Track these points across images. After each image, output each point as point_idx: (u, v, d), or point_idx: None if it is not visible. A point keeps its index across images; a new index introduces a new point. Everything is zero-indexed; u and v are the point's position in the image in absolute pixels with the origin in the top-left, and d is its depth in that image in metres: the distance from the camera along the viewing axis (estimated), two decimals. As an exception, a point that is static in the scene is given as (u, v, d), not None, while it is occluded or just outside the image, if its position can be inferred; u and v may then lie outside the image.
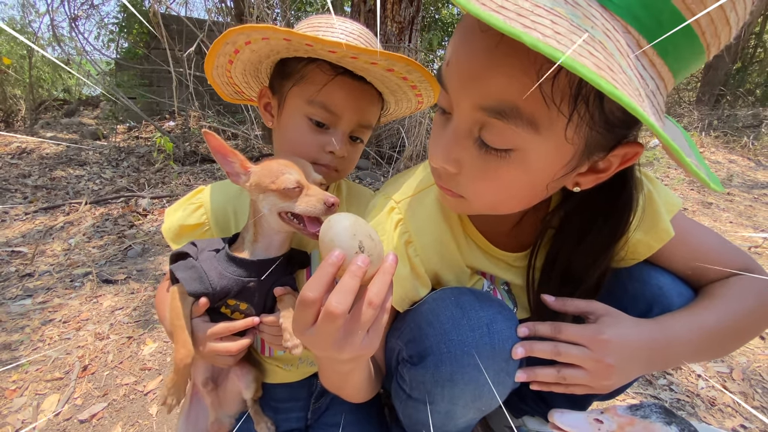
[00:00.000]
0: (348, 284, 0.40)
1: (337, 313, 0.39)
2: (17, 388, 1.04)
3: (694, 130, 5.81)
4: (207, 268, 0.62)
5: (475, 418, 0.57)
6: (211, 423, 0.76)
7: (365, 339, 0.43)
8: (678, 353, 0.54)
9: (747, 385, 1.25)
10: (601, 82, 0.30)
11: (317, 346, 0.44)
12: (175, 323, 0.62)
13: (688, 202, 3.32)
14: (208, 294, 0.63)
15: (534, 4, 0.32)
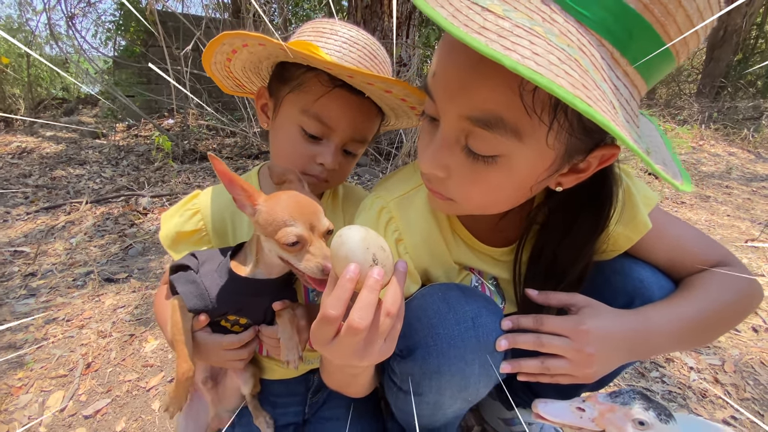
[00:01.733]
0: (368, 299, 0.42)
1: (360, 328, 0.41)
2: (23, 385, 1.07)
3: (693, 122, 5.79)
4: (208, 284, 0.62)
5: (462, 409, 0.59)
6: (211, 418, 0.78)
7: (383, 347, 0.45)
8: (657, 343, 0.56)
9: (738, 377, 1.27)
10: (576, 102, 0.31)
11: (338, 356, 0.46)
12: (176, 337, 0.63)
13: (685, 196, 3.33)
14: (208, 311, 0.63)
15: (513, 24, 0.33)
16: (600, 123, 0.32)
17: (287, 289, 0.69)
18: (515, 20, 0.34)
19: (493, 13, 0.34)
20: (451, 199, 0.54)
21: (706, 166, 4.29)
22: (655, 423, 0.49)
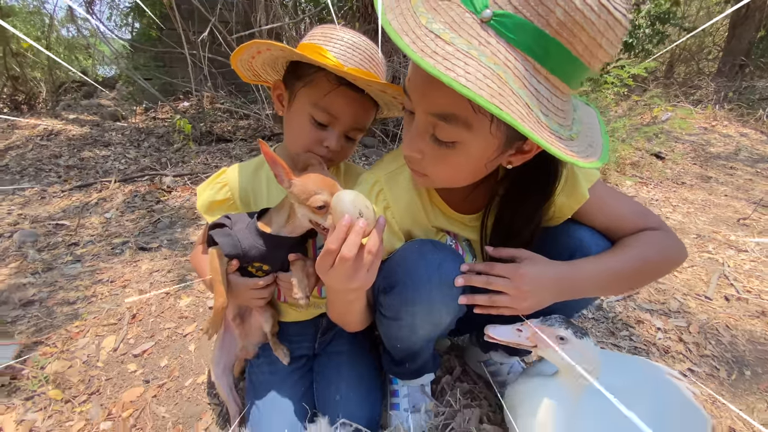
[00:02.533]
0: (354, 239, 0.59)
1: (348, 257, 0.58)
2: (80, 331, 1.28)
3: (708, 103, 5.72)
4: (240, 237, 0.80)
5: (431, 332, 0.76)
6: (239, 349, 0.97)
7: (366, 275, 0.62)
8: (583, 287, 0.72)
9: (702, 337, 1.42)
10: (490, 107, 0.46)
11: (334, 280, 0.62)
12: (214, 278, 0.81)
13: (687, 175, 3.38)
14: (239, 257, 0.82)
15: (455, 49, 0.48)
16: (505, 120, 0.47)
17: (300, 247, 0.86)
18: (457, 45, 0.48)
19: (443, 40, 0.49)
20: (426, 175, 0.70)
21: (715, 147, 4.29)
22: (571, 338, 0.65)
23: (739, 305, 1.60)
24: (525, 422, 0.70)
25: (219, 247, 0.80)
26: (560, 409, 0.68)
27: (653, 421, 0.71)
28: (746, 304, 1.60)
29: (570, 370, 0.68)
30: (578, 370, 0.64)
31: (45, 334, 1.26)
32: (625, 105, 4.47)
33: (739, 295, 1.66)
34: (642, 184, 3.05)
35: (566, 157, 0.54)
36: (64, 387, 1.08)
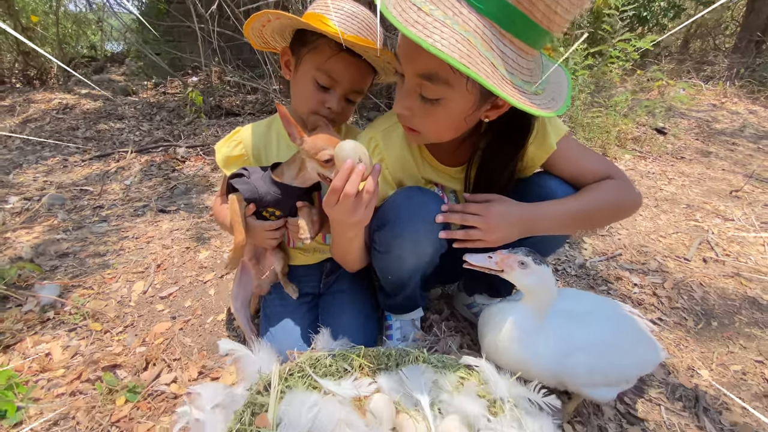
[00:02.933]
0: (355, 180, 0.71)
1: (350, 194, 0.70)
2: (112, 277, 1.44)
3: (719, 79, 5.64)
4: (257, 185, 0.93)
5: (416, 263, 0.89)
6: (255, 287, 1.12)
7: (365, 211, 0.75)
8: (546, 225, 0.84)
9: (675, 292, 1.54)
10: (459, 66, 0.57)
11: (338, 214, 0.75)
12: (234, 219, 0.95)
13: (687, 150, 3.43)
14: (256, 201, 0.94)
15: (433, 19, 0.59)
16: (472, 77, 0.58)
17: (307, 197, 0.99)
18: (435, 16, 0.59)
19: (423, 12, 0.60)
20: (416, 131, 0.81)
21: (720, 124, 4.29)
22: (530, 263, 0.77)
23: (716, 266, 1.71)
24: (491, 339, 0.83)
25: (239, 193, 0.93)
26: (522, 328, 0.81)
27: (606, 339, 0.85)
28: (723, 266, 1.72)
29: (531, 293, 0.80)
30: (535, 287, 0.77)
31: (81, 280, 1.42)
32: (630, 80, 4.46)
33: (717, 257, 1.77)
34: (640, 157, 3.11)
35: (525, 107, 0.65)
36: (102, 321, 1.24)
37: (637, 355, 0.89)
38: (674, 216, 2.19)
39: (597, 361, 0.82)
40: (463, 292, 1.27)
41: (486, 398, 0.74)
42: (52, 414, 0.95)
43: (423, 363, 0.83)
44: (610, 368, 0.83)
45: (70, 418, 0.95)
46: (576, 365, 0.81)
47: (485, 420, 0.71)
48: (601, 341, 0.84)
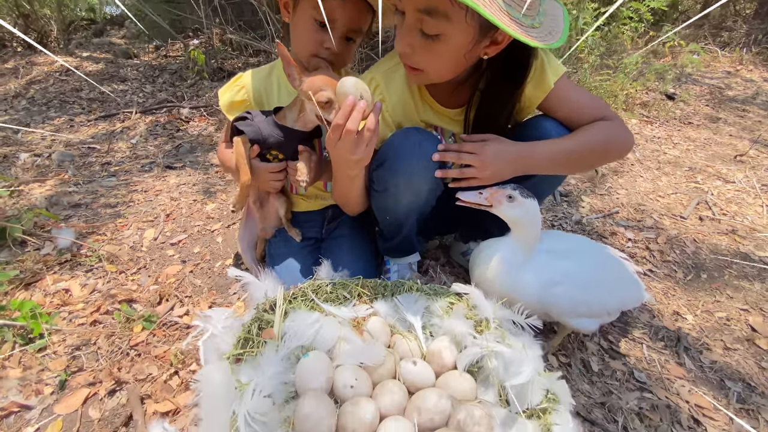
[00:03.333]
0: (356, 116, 0.73)
1: (351, 130, 0.73)
2: (124, 225, 1.50)
3: (736, 46, 5.44)
4: (260, 126, 0.96)
5: (413, 202, 0.93)
6: (260, 230, 1.17)
7: (365, 149, 0.78)
8: (538, 163, 0.87)
9: (668, 247, 1.58)
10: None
11: (340, 151, 0.78)
12: (239, 160, 0.98)
13: (696, 116, 3.37)
14: (259, 142, 0.98)
15: None
16: (470, 5, 0.60)
17: (309, 142, 1.02)
18: None
19: None
20: (419, 69, 0.83)
21: (733, 91, 4.18)
22: (518, 196, 0.81)
23: (711, 224, 1.74)
24: (480, 271, 0.88)
25: (244, 135, 0.97)
26: (510, 261, 0.86)
27: (589, 273, 0.89)
28: (718, 224, 1.74)
29: (519, 226, 0.85)
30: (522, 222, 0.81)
31: (95, 226, 1.48)
32: (642, 42, 4.32)
33: (714, 216, 1.80)
34: (647, 122, 3.08)
35: (522, 38, 0.67)
36: (117, 263, 1.31)
37: (619, 291, 0.94)
38: (675, 178, 2.20)
39: (579, 293, 0.87)
40: (460, 242, 1.32)
41: (473, 320, 0.80)
42: (75, 340, 1.03)
43: (417, 292, 0.89)
44: (593, 300, 0.88)
45: (91, 344, 1.03)
46: (559, 296, 0.86)
47: (471, 338, 0.77)
48: (584, 274, 0.89)
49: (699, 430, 0.91)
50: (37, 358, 0.99)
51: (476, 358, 0.73)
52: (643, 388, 0.99)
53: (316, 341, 0.76)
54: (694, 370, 1.06)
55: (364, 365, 0.75)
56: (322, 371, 0.70)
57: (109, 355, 0.99)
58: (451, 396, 0.69)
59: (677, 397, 0.98)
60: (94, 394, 0.92)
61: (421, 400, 0.68)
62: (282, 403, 0.66)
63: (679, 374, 1.05)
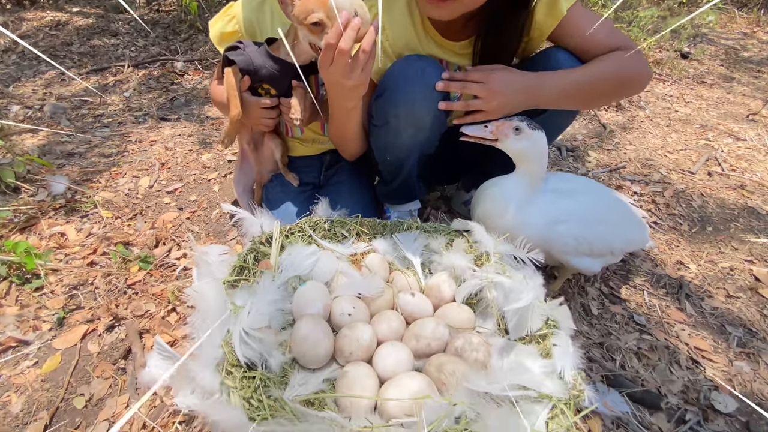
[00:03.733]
0: (350, 34, 0.67)
1: (345, 50, 0.67)
2: (118, 173, 1.47)
3: (753, 6, 5.17)
4: (252, 56, 0.90)
5: (414, 136, 0.88)
6: (255, 173, 1.14)
7: (361, 74, 0.72)
8: (548, 95, 0.81)
9: (674, 200, 1.54)
10: None
11: (334, 75, 0.71)
12: (230, 91, 0.93)
13: (710, 75, 3.25)
14: (251, 73, 0.92)
15: None
16: None
17: (305, 80, 0.97)
18: None
19: None
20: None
21: (749, 52, 4.01)
22: (525, 128, 0.77)
23: (719, 179, 1.70)
24: (483, 208, 0.86)
25: (235, 66, 0.91)
26: (514, 197, 0.83)
27: (593, 212, 0.86)
28: (727, 179, 1.70)
29: (524, 160, 0.81)
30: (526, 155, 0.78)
31: (89, 174, 1.45)
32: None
33: (723, 172, 1.75)
34: (659, 80, 2.96)
35: None
36: (112, 209, 1.29)
37: (624, 231, 0.92)
38: (685, 135, 2.13)
39: (583, 230, 0.84)
40: (462, 190, 1.29)
41: (473, 254, 0.78)
42: (72, 280, 1.03)
43: (416, 230, 0.86)
44: (597, 239, 0.86)
45: (88, 284, 1.02)
46: (563, 233, 0.84)
47: (471, 271, 0.75)
48: (589, 213, 0.86)
49: (697, 370, 0.91)
50: (34, 297, 0.98)
51: (475, 289, 0.72)
52: (643, 331, 0.99)
53: (314, 273, 0.75)
54: (695, 316, 1.06)
55: (363, 296, 0.73)
56: (320, 298, 0.69)
57: (106, 294, 0.99)
58: (449, 325, 0.68)
59: (676, 339, 0.98)
60: (93, 330, 0.92)
61: (419, 328, 0.67)
62: (279, 329, 0.65)
63: (680, 319, 1.04)
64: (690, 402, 0.84)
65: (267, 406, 0.46)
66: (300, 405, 0.50)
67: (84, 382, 0.82)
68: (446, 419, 0.47)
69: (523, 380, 0.53)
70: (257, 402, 0.47)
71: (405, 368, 0.60)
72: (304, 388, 0.56)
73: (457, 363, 0.59)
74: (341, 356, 0.63)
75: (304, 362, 0.61)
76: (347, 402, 0.54)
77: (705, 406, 0.83)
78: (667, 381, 0.87)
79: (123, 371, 0.83)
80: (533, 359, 0.57)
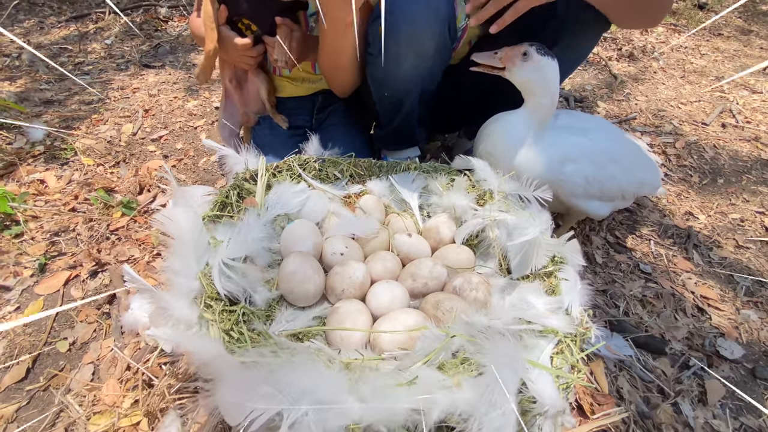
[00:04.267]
0: None
1: None
2: (99, 120, 1.39)
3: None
4: None
5: (416, 66, 0.80)
6: (241, 114, 1.06)
7: None
8: None
9: (686, 152, 1.47)
10: None
11: None
12: (206, 23, 0.84)
13: (727, 27, 3.07)
14: (229, 3, 0.82)
15: None
16: None
17: (291, 15, 0.87)
18: None
19: None
20: None
21: (767, 5, 3.79)
22: (533, 53, 0.69)
23: (734, 131, 1.62)
24: (486, 145, 0.79)
25: None
26: (519, 134, 0.76)
27: (605, 151, 0.80)
28: (741, 131, 1.62)
29: (532, 93, 0.73)
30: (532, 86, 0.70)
31: (68, 121, 1.37)
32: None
33: (737, 124, 1.67)
34: (674, 30, 2.80)
35: None
36: (94, 156, 1.22)
37: (635, 172, 0.86)
38: (699, 87, 2.02)
39: (594, 170, 0.78)
40: (464, 138, 1.21)
41: (475, 193, 0.72)
42: (53, 226, 0.98)
43: (414, 171, 0.80)
44: (608, 180, 0.80)
45: (70, 230, 0.98)
46: (573, 173, 0.78)
47: (472, 211, 0.70)
48: (601, 152, 0.80)
49: (703, 318, 0.89)
50: (14, 244, 0.94)
51: (476, 229, 0.67)
52: (648, 279, 0.95)
53: (304, 213, 0.70)
54: (702, 265, 1.02)
55: (356, 237, 0.69)
56: (310, 237, 0.64)
57: (88, 240, 0.94)
58: (447, 266, 0.64)
59: (683, 288, 0.95)
60: (76, 276, 0.88)
61: (415, 267, 0.62)
62: (265, 266, 0.60)
63: (686, 268, 1.00)
64: (695, 348, 0.81)
65: (248, 338, 0.43)
66: (287, 339, 0.46)
67: (67, 326, 0.79)
68: (443, 352, 0.43)
69: (527, 316, 0.49)
70: (238, 334, 0.43)
71: (400, 306, 0.56)
72: (291, 324, 0.52)
73: (455, 300, 0.55)
74: (332, 294, 0.59)
75: (292, 299, 0.57)
76: (337, 337, 0.50)
77: (710, 352, 0.81)
78: (672, 327, 0.84)
79: (107, 316, 0.80)
80: (537, 296, 0.53)
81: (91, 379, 0.71)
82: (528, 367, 0.39)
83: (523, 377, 0.37)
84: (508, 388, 0.34)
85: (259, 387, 0.35)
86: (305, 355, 0.39)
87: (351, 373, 0.39)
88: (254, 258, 0.59)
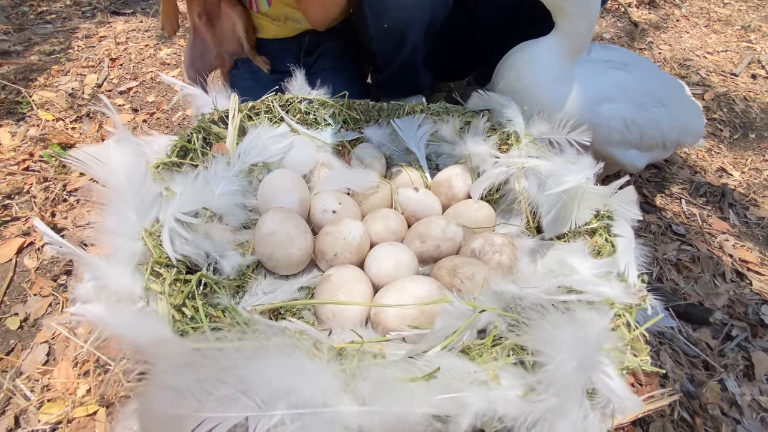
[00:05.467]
0: None
1: None
2: (59, 71, 1.23)
3: None
4: None
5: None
6: (215, 56, 0.91)
7: None
8: None
9: (715, 104, 1.34)
10: None
11: None
12: None
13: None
14: None
15: None
16: None
17: None
18: None
19: None
20: None
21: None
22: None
23: (764, 82, 1.48)
24: (508, 80, 0.66)
25: None
26: (548, 66, 0.63)
27: (648, 90, 0.66)
28: (773, 83, 1.48)
29: (565, 15, 0.59)
30: None
31: (26, 73, 1.21)
32: None
33: (766, 74, 1.52)
34: (695, -23, 2.57)
35: None
36: (53, 110, 1.07)
37: (680, 117, 0.73)
38: (725, 36, 1.86)
39: (635, 112, 0.66)
40: (475, 85, 1.07)
41: (497, 138, 0.60)
42: (5, 188, 0.85)
43: (421, 113, 0.67)
44: (649, 125, 0.68)
45: (24, 192, 0.85)
46: (610, 116, 0.65)
47: (493, 159, 0.57)
48: (643, 91, 0.67)
49: (743, 284, 0.79)
50: (-41, 208, 0.81)
51: (498, 180, 0.55)
52: (682, 241, 0.85)
53: (287, 162, 0.57)
54: (739, 226, 0.92)
55: (352, 191, 0.57)
56: (294, 189, 0.52)
57: (43, 203, 0.82)
58: (463, 225, 0.52)
59: (720, 251, 0.85)
60: (30, 243, 0.76)
61: (424, 227, 0.51)
62: (237, 227, 0.48)
63: (723, 229, 0.90)
64: (737, 317, 0.72)
65: (205, 315, 0.32)
66: (261, 316, 0.35)
67: (20, 300, 0.69)
68: (468, 331, 0.32)
69: (571, 283, 0.38)
70: (192, 311, 0.32)
71: (407, 273, 0.45)
72: (270, 297, 0.41)
73: (476, 265, 0.44)
74: (323, 259, 0.47)
75: (271, 266, 0.46)
76: (329, 313, 0.40)
77: (754, 321, 0.71)
78: (712, 294, 0.74)
79: (64, 288, 0.69)
80: (582, 258, 0.42)
81: (45, 361, 0.61)
82: (602, 358, 0.28)
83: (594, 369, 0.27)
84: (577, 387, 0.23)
85: (214, 386, 0.24)
86: (282, 338, 0.28)
87: (346, 362, 0.28)
88: (224, 216, 0.47)
